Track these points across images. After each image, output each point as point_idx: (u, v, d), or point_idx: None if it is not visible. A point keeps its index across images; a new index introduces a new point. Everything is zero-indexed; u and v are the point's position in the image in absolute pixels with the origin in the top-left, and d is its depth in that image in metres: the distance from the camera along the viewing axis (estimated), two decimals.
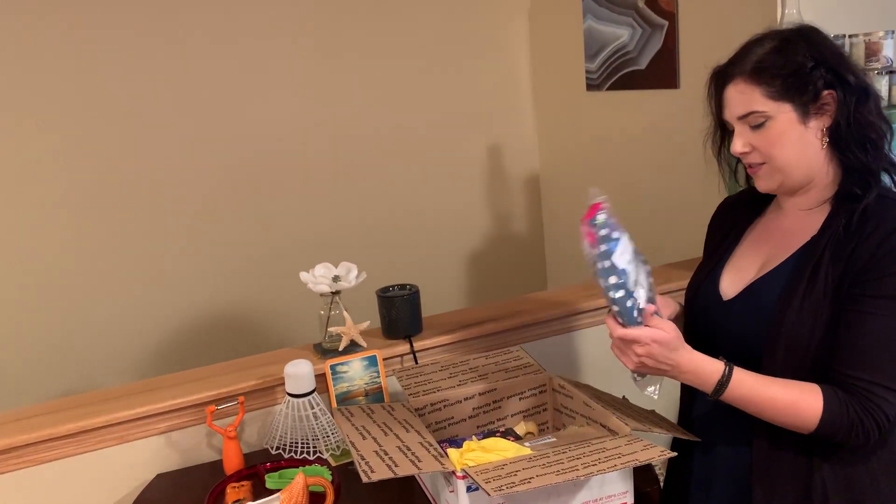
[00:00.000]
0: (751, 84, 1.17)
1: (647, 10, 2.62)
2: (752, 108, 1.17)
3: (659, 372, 1.20)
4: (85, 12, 2.60)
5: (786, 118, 1.17)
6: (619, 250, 1.17)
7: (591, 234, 1.18)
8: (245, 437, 1.70)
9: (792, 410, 1.14)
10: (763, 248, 1.30)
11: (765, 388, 1.16)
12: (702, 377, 1.18)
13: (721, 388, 1.17)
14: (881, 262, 1.12)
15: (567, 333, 2.02)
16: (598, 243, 1.18)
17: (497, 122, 3.30)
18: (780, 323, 1.17)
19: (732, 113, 1.21)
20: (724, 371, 1.17)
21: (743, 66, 1.18)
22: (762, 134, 1.18)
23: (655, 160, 2.73)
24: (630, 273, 1.18)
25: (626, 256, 1.18)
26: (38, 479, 1.56)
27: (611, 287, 1.17)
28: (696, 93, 1.31)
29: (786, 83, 1.15)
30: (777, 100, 1.16)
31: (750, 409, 1.17)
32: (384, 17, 3.03)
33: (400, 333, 1.83)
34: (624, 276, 1.17)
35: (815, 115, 1.17)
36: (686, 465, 1.37)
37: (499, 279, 3.40)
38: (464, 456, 1.26)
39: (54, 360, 2.71)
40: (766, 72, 1.16)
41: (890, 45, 1.98)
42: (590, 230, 1.19)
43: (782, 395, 1.15)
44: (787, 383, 1.16)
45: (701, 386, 1.19)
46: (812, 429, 1.13)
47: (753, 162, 1.22)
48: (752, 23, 2.19)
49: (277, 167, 2.95)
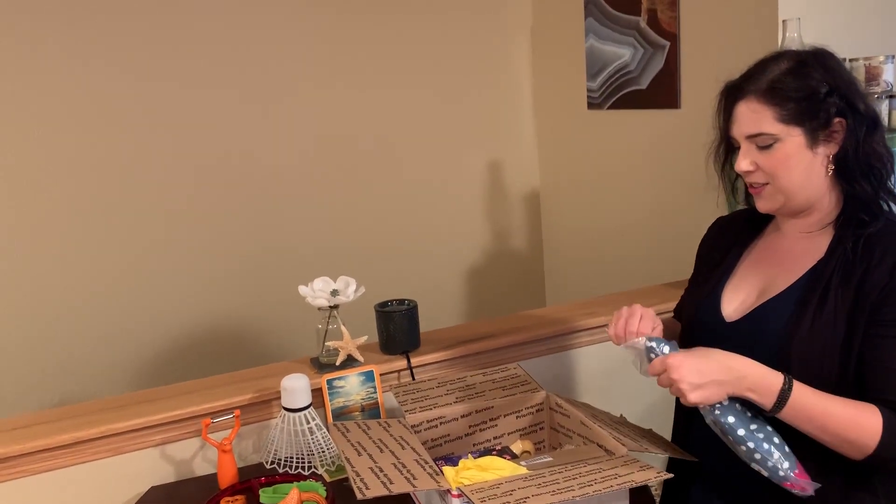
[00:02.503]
0: (763, 104, 1.16)
1: (648, 30, 2.64)
2: (762, 129, 1.17)
3: (720, 389, 1.11)
4: (90, 17, 2.61)
5: (794, 142, 1.16)
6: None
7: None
8: (240, 450, 1.70)
9: (853, 427, 1.08)
10: (764, 270, 1.29)
11: (826, 399, 1.09)
12: (764, 381, 1.10)
13: (785, 396, 1.09)
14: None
15: (565, 351, 2.02)
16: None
17: (498, 138, 3.31)
18: (790, 347, 1.15)
19: (741, 130, 1.20)
20: (785, 378, 1.10)
21: (758, 84, 1.18)
22: (769, 155, 1.18)
23: (655, 180, 2.73)
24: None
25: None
26: (33, 490, 1.55)
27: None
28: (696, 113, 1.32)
29: (799, 107, 1.15)
30: (788, 123, 1.16)
31: (810, 425, 1.09)
32: (386, 33, 3.05)
33: (398, 349, 1.82)
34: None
35: (823, 141, 1.17)
36: (684, 486, 1.36)
37: (497, 295, 3.40)
38: (459, 474, 1.26)
39: (50, 370, 2.70)
40: (779, 93, 1.16)
41: (890, 69, 1.99)
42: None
43: (843, 410, 1.09)
44: (843, 399, 1.10)
45: (763, 392, 1.10)
46: (870, 450, 1.07)
47: (756, 181, 1.21)
48: (753, 45, 2.21)
49: (278, 181, 2.95)
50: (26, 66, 2.56)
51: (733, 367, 1.12)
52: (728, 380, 1.11)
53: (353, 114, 3.03)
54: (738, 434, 1.13)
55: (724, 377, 1.11)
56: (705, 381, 1.11)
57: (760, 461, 1.12)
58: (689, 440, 1.36)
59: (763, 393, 1.11)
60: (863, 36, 2.24)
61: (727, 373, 1.12)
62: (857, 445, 1.09)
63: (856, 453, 1.09)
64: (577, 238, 3.24)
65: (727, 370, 1.12)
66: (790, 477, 1.10)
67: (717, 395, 1.12)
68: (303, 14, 2.90)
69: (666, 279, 2.37)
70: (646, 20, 2.65)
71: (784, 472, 1.09)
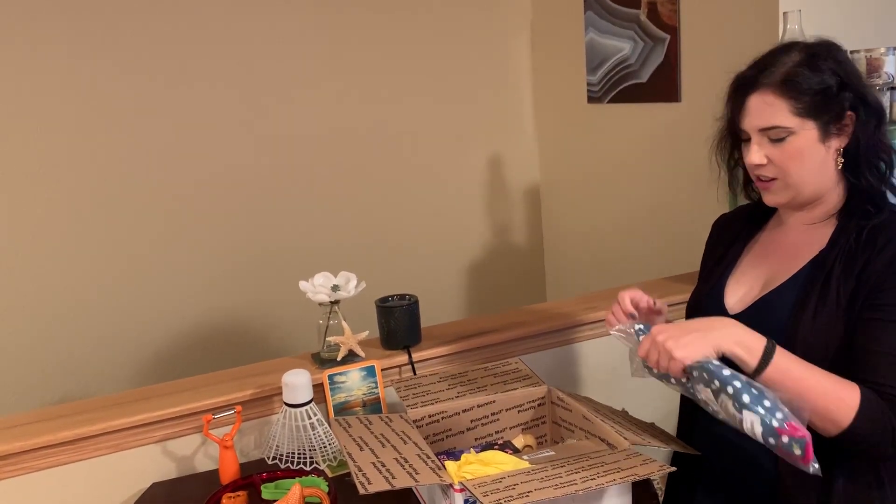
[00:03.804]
0: (779, 96, 1.15)
1: (649, 23, 2.63)
2: (777, 122, 1.15)
3: (703, 339, 1.10)
4: (88, 14, 2.61)
5: (808, 136, 1.16)
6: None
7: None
8: (242, 446, 1.70)
9: (832, 399, 1.07)
10: (768, 262, 1.29)
11: (809, 368, 1.10)
12: (750, 336, 1.10)
13: (769, 354, 1.08)
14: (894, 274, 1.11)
15: (566, 346, 2.01)
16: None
17: (498, 133, 3.31)
18: (794, 338, 1.15)
19: (754, 123, 1.18)
20: (769, 340, 1.10)
21: (772, 77, 1.16)
22: (781, 148, 1.17)
23: (656, 173, 2.73)
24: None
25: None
26: (34, 487, 1.55)
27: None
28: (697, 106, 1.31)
29: (814, 101, 1.14)
30: (803, 116, 1.15)
31: (793, 385, 1.08)
32: (386, 28, 3.04)
33: (399, 344, 1.82)
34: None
35: (834, 134, 1.17)
36: (688, 481, 1.36)
37: (498, 290, 3.40)
38: (461, 469, 1.25)
39: (51, 369, 2.70)
40: (795, 86, 1.14)
41: (892, 61, 1.98)
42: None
43: (825, 380, 1.08)
44: (826, 372, 1.10)
45: (749, 348, 1.09)
46: (846, 423, 1.06)
47: (766, 175, 1.20)
48: (754, 37, 2.21)
49: (278, 177, 2.95)
50: (27, 66, 2.56)
51: (716, 320, 1.15)
52: (711, 330, 1.11)
53: (353, 109, 3.03)
54: (732, 383, 1.07)
55: (707, 327, 1.12)
56: (689, 334, 1.11)
57: (752, 409, 1.06)
58: (693, 435, 1.36)
59: (749, 348, 1.09)
60: (864, 28, 2.24)
61: (710, 324, 1.13)
62: (832, 418, 1.07)
63: (831, 427, 1.08)
64: (578, 232, 3.24)
65: (710, 322, 1.14)
66: (788, 423, 1.04)
67: (703, 346, 1.10)
68: (303, 12, 2.89)
69: (667, 273, 2.37)
70: (646, 13, 2.64)
71: (778, 421, 1.04)
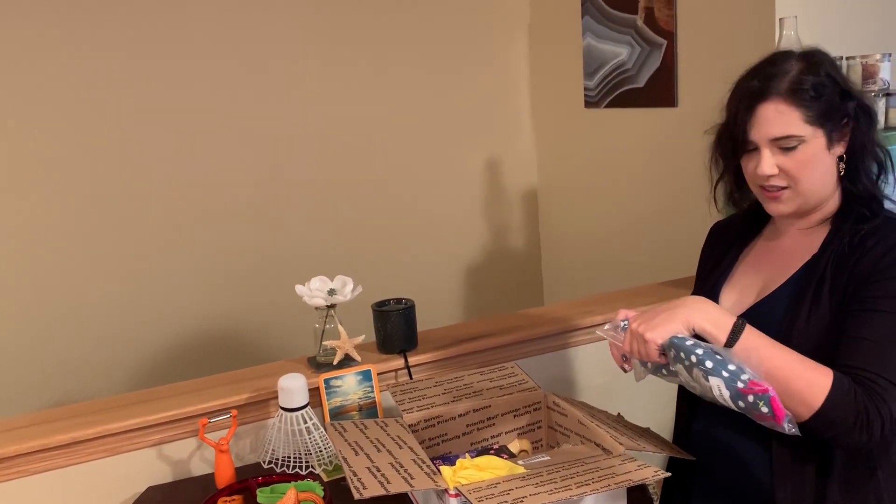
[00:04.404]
0: (791, 105, 1.15)
1: (646, 28, 2.64)
2: (791, 131, 1.15)
3: (671, 317, 1.13)
4: (87, 14, 2.61)
5: (817, 143, 1.16)
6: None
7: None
8: (237, 450, 1.69)
9: (803, 379, 1.08)
10: (762, 269, 1.30)
11: (781, 347, 1.11)
12: (720, 313, 1.13)
13: (738, 330, 1.11)
14: (886, 269, 1.12)
15: (562, 350, 2.01)
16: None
17: (495, 136, 3.31)
18: (788, 341, 1.15)
19: (766, 133, 1.16)
20: (739, 317, 1.13)
21: (778, 85, 1.15)
22: (792, 157, 1.16)
23: (652, 178, 2.73)
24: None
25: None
26: (29, 490, 1.54)
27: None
28: (693, 112, 1.31)
29: (822, 108, 1.15)
30: (814, 124, 1.15)
31: (763, 363, 1.09)
32: (383, 31, 3.04)
33: (395, 348, 1.82)
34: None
35: (837, 142, 1.18)
36: (683, 486, 1.36)
37: (495, 294, 3.40)
38: (457, 474, 1.25)
39: (47, 370, 2.69)
40: (804, 94, 1.14)
41: (887, 67, 1.99)
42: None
43: (796, 361, 1.10)
44: (800, 354, 1.11)
45: (718, 325, 1.12)
46: (817, 405, 1.07)
47: (777, 185, 1.20)
48: (750, 43, 2.21)
49: (274, 181, 2.95)
50: (27, 66, 2.56)
51: (687, 298, 1.17)
52: (681, 307, 1.15)
53: (350, 113, 3.03)
54: (695, 352, 1.10)
55: (675, 305, 1.15)
56: (658, 315, 1.15)
57: (717, 373, 1.08)
58: (689, 440, 1.36)
59: (718, 324, 1.12)
60: (859, 34, 2.25)
61: (680, 301, 1.16)
62: (803, 399, 1.08)
63: (803, 409, 1.08)
64: (575, 236, 3.24)
65: (680, 300, 1.16)
66: (751, 381, 1.07)
67: (673, 324, 1.13)
68: (301, 17, 2.90)
69: (663, 278, 2.37)
70: (643, 18, 2.65)
71: (743, 381, 1.06)
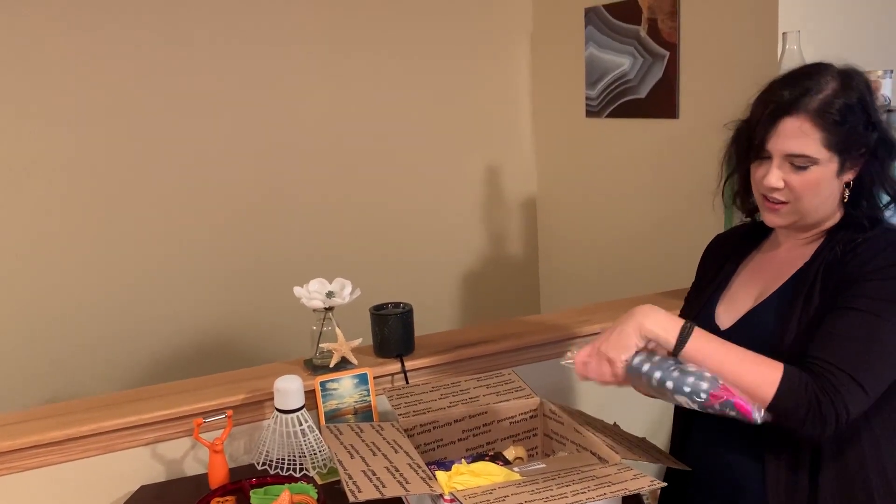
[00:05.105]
0: (814, 126, 1.14)
1: (648, 39, 2.65)
2: (808, 151, 1.15)
3: (622, 332, 1.17)
4: (91, 13, 2.61)
5: (829, 169, 1.16)
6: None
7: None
8: (231, 451, 1.69)
9: (754, 373, 1.11)
10: (758, 280, 1.31)
11: (730, 346, 1.15)
12: (668, 318, 1.17)
13: (686, 333, 1.15)
14: (870, 272, 1.14)
15: (559, 358, 2.01)
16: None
17: (496, 144, 3.32)
18: (779, 348, 1.16)
19: (783, 146, 1.16)
20: (687, 321, 1.17)
21: (807, 103, 1.14)
22: (801, 176, 1.17)
23: (652, 188, 2.74)
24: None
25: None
26: (22, 487, 1.54)
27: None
28: (694, 123, 1.31)
29: (843, 134, 1.14)
30: (832, 150, 1.15)
31: (712, 363, 1.13)
32: (386, 38, 3.05)
33: (392, 352, 1.82)
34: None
35: (849, 169, 1.18)
36: (680, 497, 1.36)
37: (493, 301, 3.40)
38: (452, 479, 1.25)
39: (42, 367, 2.69)
40: (830, 118, 1.13)
41: (888, 83, 2.00)
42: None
43: (745, 356, 1.13)
44: (748, 351, 1.15)
45: (667, 328, 1.16)
46: (769, 397, 1.10)
47: (778, 199, 1.20)
48: (753, 56, 2.22)
49: (274, 183, 2.95)
50: (27, 67, 2.56)
51: (637, 308, 1.19)
52: (631, 317, 1.18)
53: (351, 118, 3.03)
54: (653, 376, 1.15)
55: (626, 317, 1.18)
56: (613, 331, 1.19)
57: (679, 391, 1.13)
58: (685, 450, 1.36)
59: (667, 329, 1.16)
60: (862, 50, 2.25)
61: (630, 312, 1.19)
62: (754, 393, 1.11)
63: (758, 402, 1.11)
64: (573, 245, 3.24)
65: (630, 312, 1.19)
66: (712, 394, 1.12)
67: (628, 337, 1.17)
68: (302, 21, 2.90)
69: (662, 288, 2.37)
70: (646, 29, 2.66)
71: (704, 392, 1.11)
